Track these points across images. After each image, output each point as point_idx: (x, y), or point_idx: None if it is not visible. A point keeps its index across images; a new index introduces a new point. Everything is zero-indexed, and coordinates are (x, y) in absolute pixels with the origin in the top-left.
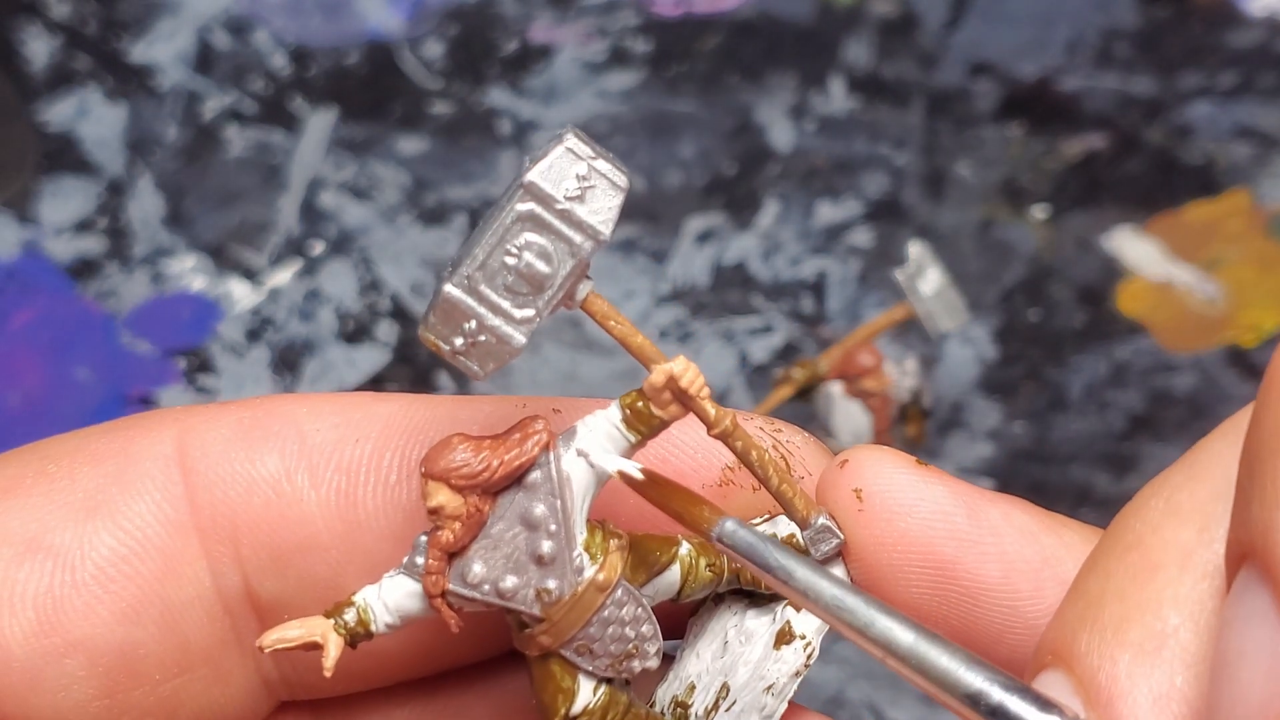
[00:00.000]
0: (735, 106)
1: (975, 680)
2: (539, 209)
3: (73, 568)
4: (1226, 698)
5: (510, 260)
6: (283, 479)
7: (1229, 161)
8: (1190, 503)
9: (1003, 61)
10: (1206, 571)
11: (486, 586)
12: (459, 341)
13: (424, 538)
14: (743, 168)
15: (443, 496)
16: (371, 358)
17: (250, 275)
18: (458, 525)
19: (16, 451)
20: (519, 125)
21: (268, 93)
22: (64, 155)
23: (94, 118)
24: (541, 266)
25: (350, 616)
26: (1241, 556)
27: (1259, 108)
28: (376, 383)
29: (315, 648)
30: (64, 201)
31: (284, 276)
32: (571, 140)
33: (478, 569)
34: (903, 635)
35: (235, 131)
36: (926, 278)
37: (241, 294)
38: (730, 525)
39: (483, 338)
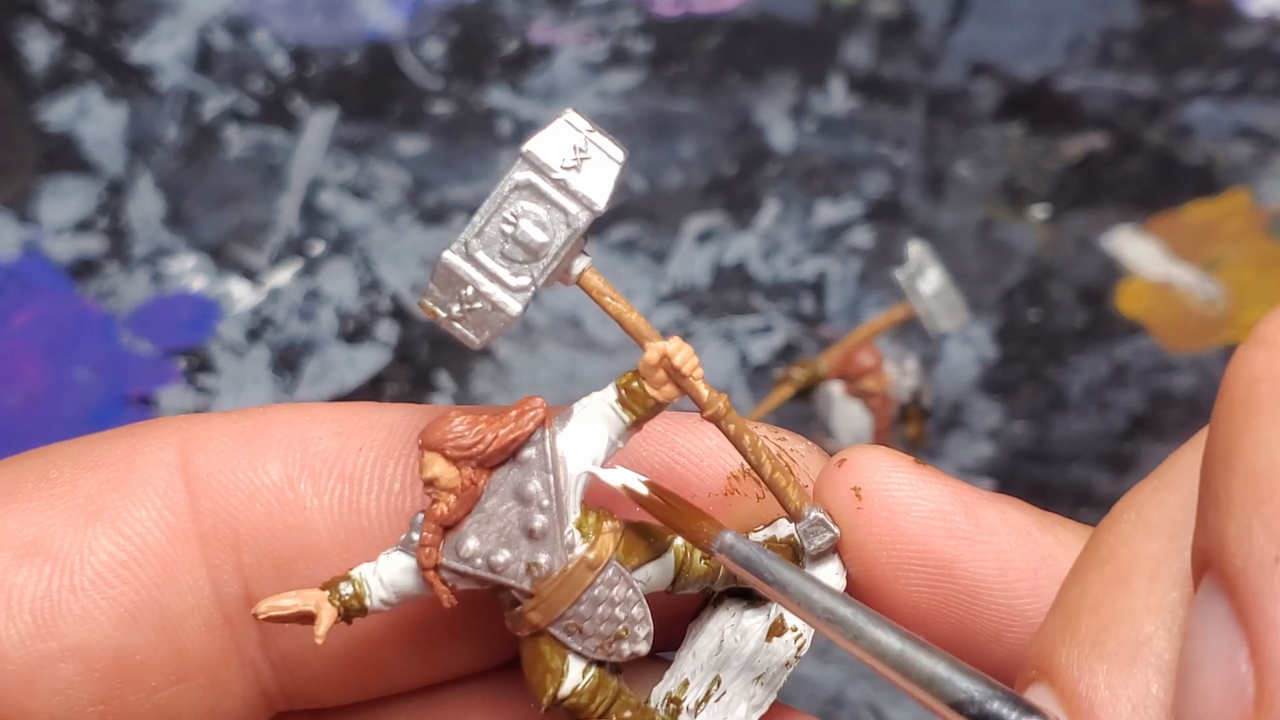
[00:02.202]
0: (735, 106)
1: (961, 687)
2: (535, 178)
3: (71, 572)
4: (1189, 703)
5: (507, 228)
6: (285, 486)
7: (1229, 161)
8: (1159, 514)
9: (1003, 61)
10: (1177, 580)
11: (479, 560)
12: (455, 308)
13: (421, 515)
14: (743, 168)
15: (438, 467)
16: (371, 358)
17: (250, 275)
18: (452, 498)
19: (18, 457)
20: (519, 125)
21: (268, 93)
22: (64, 155)
23: (94, 118)
24: (537, 235)
25: (346, 590)
26: (1203, 565)
27: (1259, 108)
28: (377, 383)
29: (309, 618)
30: (64, 201)
31: (284, 276)
32: (570, 115)
33: (471, 544)
34: (891, 643)
35: (235, 131)
36: (926, 278)
37: (241, 294)
38: (730, 539)
39: (478, 305)
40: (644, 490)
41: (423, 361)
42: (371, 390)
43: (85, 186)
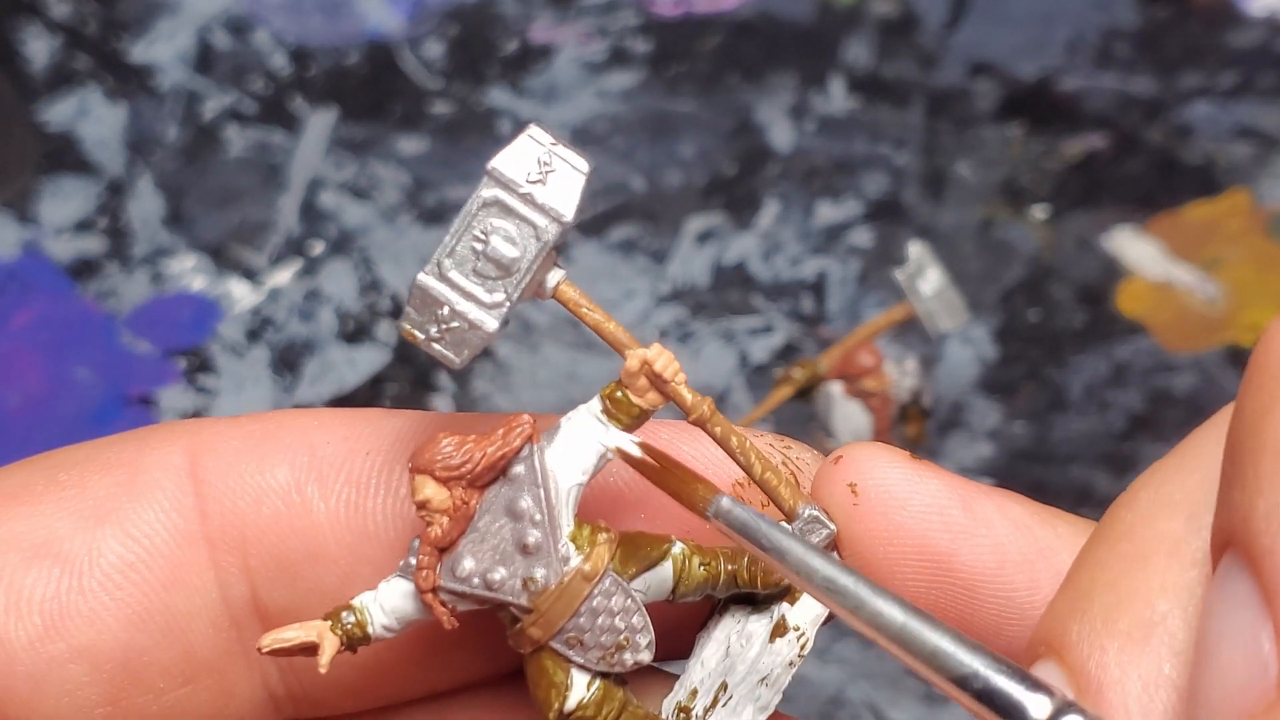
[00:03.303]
0: (735, 106)
1: (966, 661)
2: (502, 194)
3: (80, 574)
4: (1207, 682)
5: (478, 245)
6: (292, 490)
7: (1229, 161)
8: (1179, 493)
9: (1003, 61)
10: (1195, 560)
11: (476, 580)
12: (433, 329)
13: (417, 540)
14: (743, 168)
15: (429, 490)
16: (371, 358)
17: (250, 275)
18: (445, 519)
19: (26, 460)
20: (519, 125)
21: (268, 93)
22: (64, 155)
23: (94, 118)
24: (508, 250)
25: (348, 619)
26: (1225, 543)
27: (1259, 108)
28: (377, 383)
29: (313, 649)
30: (64, 201)
31: (284, 276)
32: (533, 129)
33: (467, 563)
34: (893, 616)
35: (235, 131)
36: (926, 278)
37: (241, 294)
38: (726, 503)
39: (455, 324)
40: (637, 452)
41: (423, 362)
42: (371, 390)
43: (85, 186)
